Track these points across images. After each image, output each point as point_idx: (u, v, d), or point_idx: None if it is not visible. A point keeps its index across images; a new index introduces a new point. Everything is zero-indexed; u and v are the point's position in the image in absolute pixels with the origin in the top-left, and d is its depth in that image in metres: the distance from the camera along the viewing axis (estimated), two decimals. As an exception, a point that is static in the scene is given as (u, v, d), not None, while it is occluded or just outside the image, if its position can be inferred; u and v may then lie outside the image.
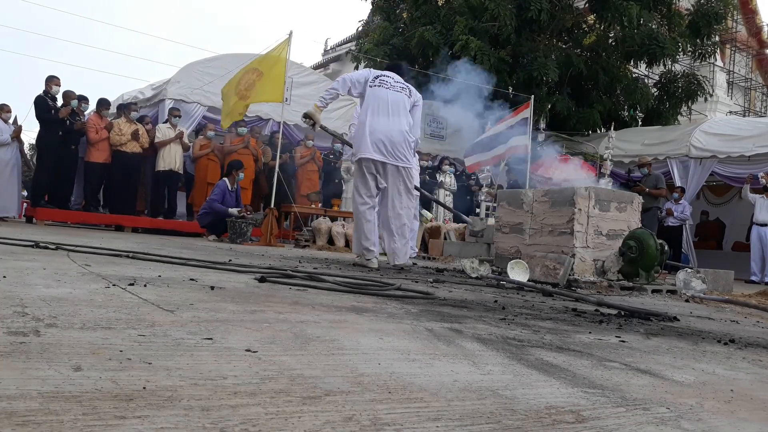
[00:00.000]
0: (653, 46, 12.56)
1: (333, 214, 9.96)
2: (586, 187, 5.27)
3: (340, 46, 26.90)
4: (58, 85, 8.54)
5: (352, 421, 0.97)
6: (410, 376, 1.31)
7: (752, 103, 23.75)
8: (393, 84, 5.12)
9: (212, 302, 2.11)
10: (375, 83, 5.07)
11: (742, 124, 11.37)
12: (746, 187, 10.21)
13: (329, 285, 2.96)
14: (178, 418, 0.91)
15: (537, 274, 4.76)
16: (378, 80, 5.10)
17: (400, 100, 5.07)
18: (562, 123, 13.20)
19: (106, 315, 1.67)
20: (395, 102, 5.03)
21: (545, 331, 2.19)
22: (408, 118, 5.12)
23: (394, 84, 5.14)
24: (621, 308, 3.17)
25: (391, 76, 5.20)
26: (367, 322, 2.02)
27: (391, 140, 4.94)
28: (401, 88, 5.17)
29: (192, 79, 9.89)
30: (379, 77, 5.14)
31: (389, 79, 5.14)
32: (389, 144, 4.94)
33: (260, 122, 10.57)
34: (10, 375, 1.04)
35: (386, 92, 5.03)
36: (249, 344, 1.47)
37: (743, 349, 2.25)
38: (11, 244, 3.81)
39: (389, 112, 4.97)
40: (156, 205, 9.38)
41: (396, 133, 4.95)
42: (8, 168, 8.58)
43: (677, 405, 1.29)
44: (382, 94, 5.02)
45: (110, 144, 8.79)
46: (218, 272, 3.24)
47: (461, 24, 12.07)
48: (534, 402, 1.20)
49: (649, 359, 1.83)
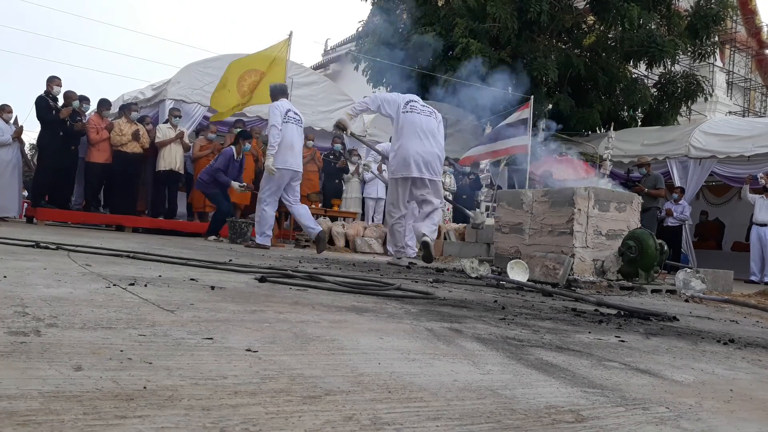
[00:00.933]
0: (652, 47, 12.57)
1: (333, 214, 9.96)
2: (586, 187, 5.27)
3: (340, 47, 26.89)
4: (59, 85, 8.54)
5: (352, 421, 0.97)
6: (410, 376, 1.32)
7: (752, 103, 23.75)
8: (422, 109, 5.89)
9: (212, 302, 2.11)
10: (407, 109, 5.82)
11: (741, 125, 11.36)
12: (746, 187, 10.21)
13: (329, 285, 2.96)
14: (178, 417, 0.91)
15: (537, 274, 4.76)
16: (409, 106, 5.85)
17: (431, 123, 5.85)
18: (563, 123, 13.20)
19: (107, 315, 1.68)
20: (428, 125, 5.81)
21: (545, 331, 2.20)
22: (438, 138, 5.89)
23: (422, 108, 5.90)
24: (620, 308, 3.18)
25: (417, 101, 5.95)
26: (367, 322, 2.03)
27: (425, 159, 5.72)
28: (429, 112, 5.93)
29: (192, 79, 9.88)
30: (409, 103, 5.87)
31: (417, 104, 5.90)
32: (424, 163, 5.71)
33: (260, 122, 10.56)
34: (11, 375, 1.04)
35: (419, 117, 5.80)
36: (249, 344, 1.48)
37: (743, 348, 2.25)
38: (12, 244, 3.81)
39: (424, 135, 5.76)
40: (156, 205, 9.38)
41: (429, 154, 5.74)
42: (9, 168, 8.58)
43: (677, 405, 1.30)
44: (416, 119, 5.78)
45: (111, 144, 8.79)
46: (218, 272, 3.24)
47: (461, 26, 12.07)
48: (534, 401, 1.21)
49: (649, 359, 1.84)
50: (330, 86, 11.94)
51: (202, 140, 9.68)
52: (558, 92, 13.36)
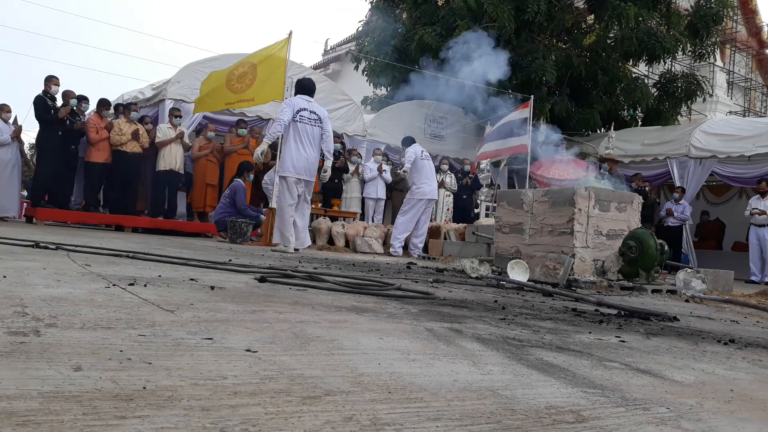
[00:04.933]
0: (652, 42, 12.56)
1: (333, 214, 9.96)
2: (586, 187, 5.27)
3: (340, 46, 26.90)
4: (57, 84, 8.53)
5: (352, 421, 0.97)
6: (410, 376, 1.32)
7: (752, 103, 23.74)
8: (309, 119, 6.38)
9: (212, 302, 2.11)
10: (297, 118, 6.33)
11: (741, 124, 11.36)
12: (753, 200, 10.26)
13: (329, 285, 2.96)
14: (178, 418, 0.91)
15: (537, 274, 4.76)
16: (299, 115, 6.35)
17: (316, 132, 6.42)
18: (563, 123, 13.21)
19: (106, 315, 1.68)
20: (312, 134, 6.39)
21: (545, 331, 2.20)
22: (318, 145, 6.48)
23: (309, 118, 6.39)
24: (621, 308, 3.17)
25: (308, 108, 6.40)
26: (367, 322, 2.02)
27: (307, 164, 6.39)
28: (315, 121, 6.43)
29: (192, 79, 9.87)
30: (299, 112, 6.35)
31: (306, 114, 6.37)
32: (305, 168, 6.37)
33: (260, 122, 10.56)
34: (10, 375, 1.04)
35: (304, 126, 6.36)
36: (249, 344, 1.47)
37: (743, 349, 2.25)
38: (11, 244, 3.81)
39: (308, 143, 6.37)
40: (156, 205, 9.38)
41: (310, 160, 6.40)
42: (8, 168, 8.58)
43: (677, 405, 1.29)
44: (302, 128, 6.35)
45: (110, 144, 8.78)
46: (218, 272, 3.24)
47: (462, 26, 12.07)
48: (534, 402, 1.20)
49: (649, 359, 1.83)
50: (330, 86, 11.94)
51: (202, 140, 9.67)
52: (558, 93, 13.36)
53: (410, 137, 8.90)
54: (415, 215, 8.41)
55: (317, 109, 6.46)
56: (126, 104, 9.38)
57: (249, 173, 8.51)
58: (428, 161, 8.62)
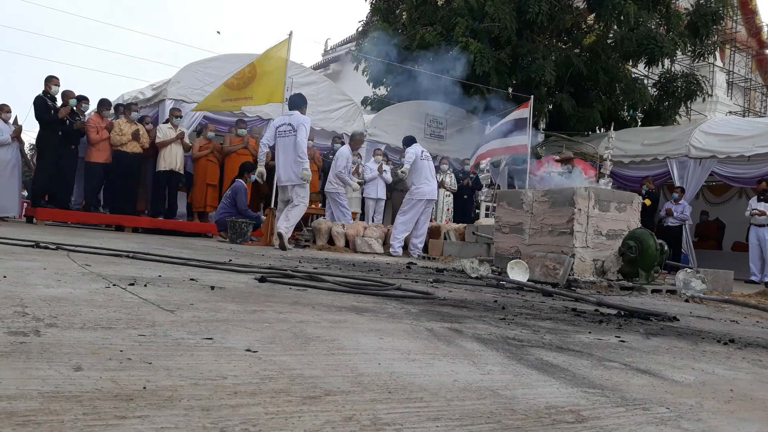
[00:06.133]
0: (651, 45, 12.57)
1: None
2: (586, 187, 5.27)
3: (340, 47, 26.91)
4: (57, 85, 8.53)
5: (352, 421, 0.97)
6: (410, 376, 1.32)
7: (752, 103, 23.74)
8: (284, 131, 6.96)
9: (212, 302, 2.11)
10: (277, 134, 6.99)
11: (741, 124, 11.36)
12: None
13: (329, 285, 2.96)
14: (178, 418, 0.91)
15: (537, 274, 4.76)
16: (277, 131, 6.99)
17: (290, 142, 6.90)
18: (562, 123, 13.20)
19: (107, 315, 1.68)
20: (287, 144, 6.93)
21: (545, 331, 2.20)
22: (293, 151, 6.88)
23: (285, 131, 6.96)
24: (621, 308, 3.17)
25: (285, 123, 6.95)
26: (367, 322, 2.03)
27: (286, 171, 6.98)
28: (288, 132, 6.92)
29: (192, 79, 9.87)
30: (278, 128, 6.98)
31: (283, 128, 6.95)
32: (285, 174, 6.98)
33: (260, 123, 10.55)
34: (11, 375, 1.04)
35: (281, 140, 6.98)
36: (249, 344, 1.47)
37: (743, 349, 2.25)
38: (11, 244, 3.81)
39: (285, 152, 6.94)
40: (156, 205, 9.37)
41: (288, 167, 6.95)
42: (8, 168, 8.57)
43: (677, 405, 1.30)
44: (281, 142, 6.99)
45: (111, 144, 8.78)
46: (218, 272, 3.24)
47: (462, 26, 12.06)
48: (534, 402, 1.20)
49: (649, 359, 1.83)
50: (330, 86, 11.94)
51: (202, 140, 9.67)
52: (557, 93, 13.36)
53: (411, 137, 8.90)
54: (414, 215, 8.41)
55: (294, 120, 7.00)
56: (126, 104, 9.38)
57: (250, 174, 8.52)
58: (428, 161, 8.62)
